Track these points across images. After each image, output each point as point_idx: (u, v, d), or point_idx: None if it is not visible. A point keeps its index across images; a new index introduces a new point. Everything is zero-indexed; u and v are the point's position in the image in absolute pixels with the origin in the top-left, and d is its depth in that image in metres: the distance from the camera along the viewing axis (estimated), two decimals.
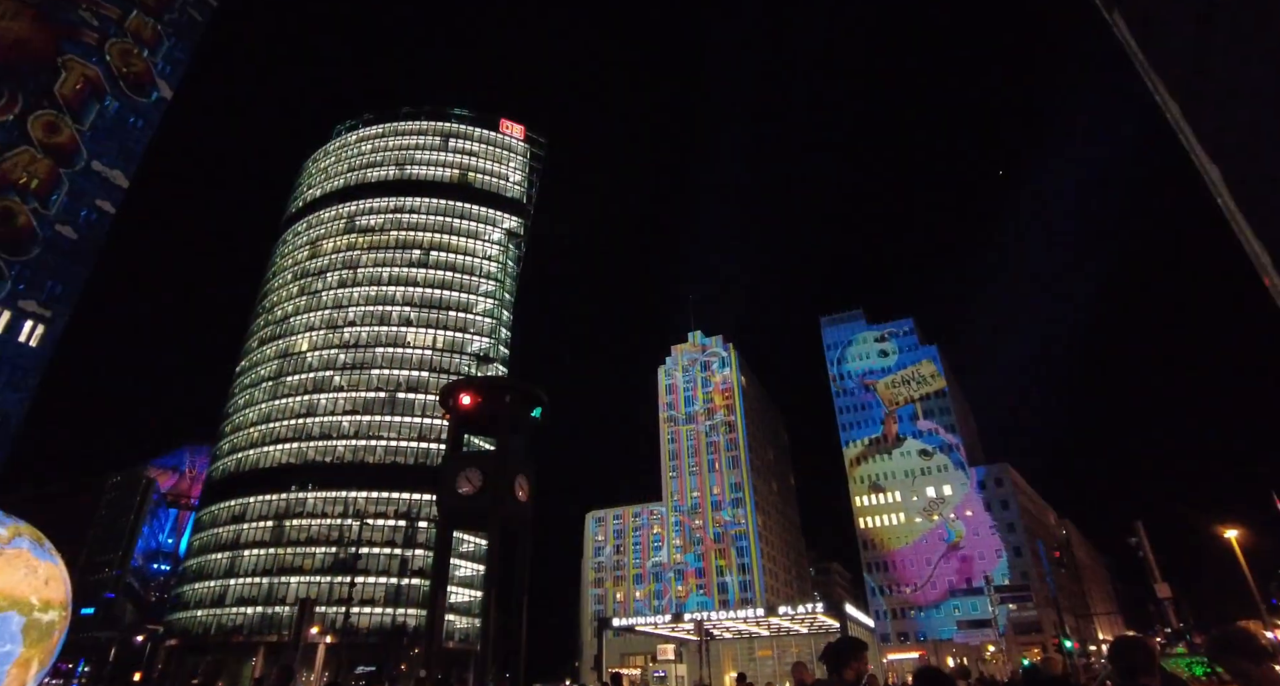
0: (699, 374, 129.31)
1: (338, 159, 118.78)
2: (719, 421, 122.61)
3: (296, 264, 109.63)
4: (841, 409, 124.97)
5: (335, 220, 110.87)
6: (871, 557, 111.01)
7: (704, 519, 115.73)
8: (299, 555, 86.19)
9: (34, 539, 3.68)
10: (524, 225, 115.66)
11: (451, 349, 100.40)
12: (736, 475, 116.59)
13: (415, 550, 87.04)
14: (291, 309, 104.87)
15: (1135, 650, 4.07)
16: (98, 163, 63.35)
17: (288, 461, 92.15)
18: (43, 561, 3.53)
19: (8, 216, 56.65)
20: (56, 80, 61.61)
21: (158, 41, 70.02)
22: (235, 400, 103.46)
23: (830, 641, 5.64)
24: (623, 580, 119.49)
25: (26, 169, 58.36)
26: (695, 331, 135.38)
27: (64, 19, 63.64)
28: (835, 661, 5.26)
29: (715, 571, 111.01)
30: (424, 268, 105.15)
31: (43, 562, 3.52)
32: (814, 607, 70.87)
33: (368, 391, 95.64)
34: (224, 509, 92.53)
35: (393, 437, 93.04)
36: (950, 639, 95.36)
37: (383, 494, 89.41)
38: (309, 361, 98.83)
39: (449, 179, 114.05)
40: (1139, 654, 4.01)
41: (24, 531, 3.60)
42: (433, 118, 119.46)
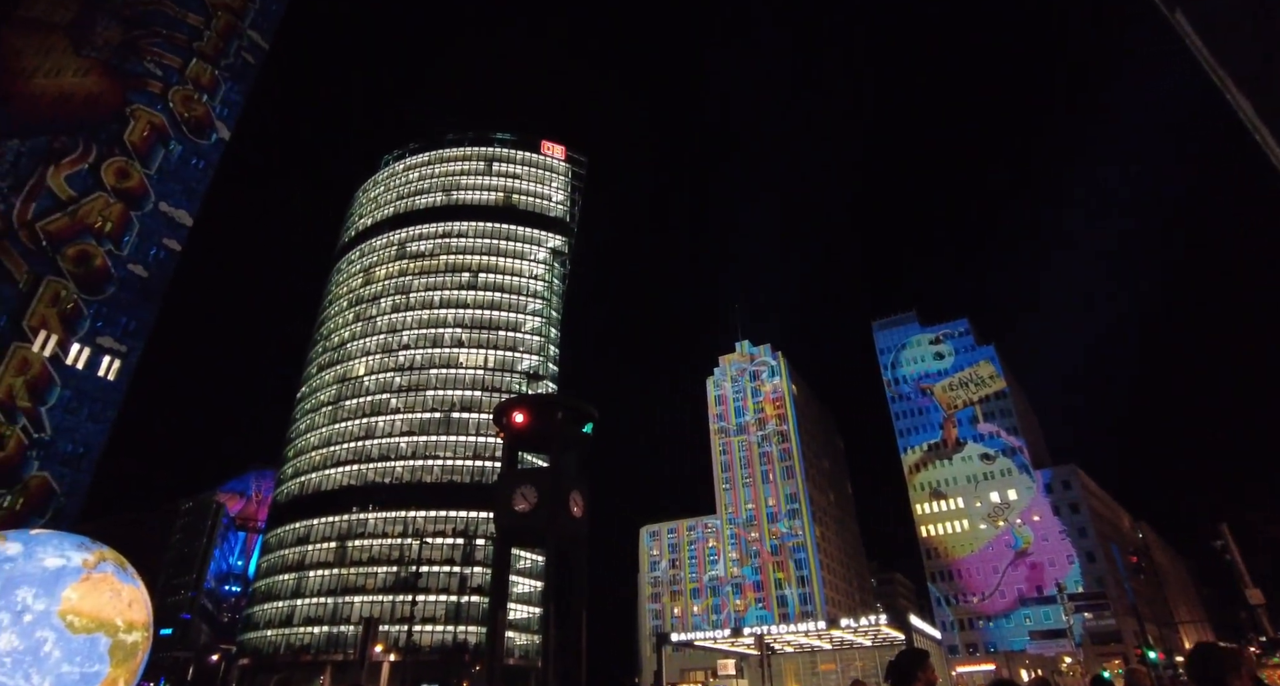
0: (748, 384, 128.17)
1: (387, 188, 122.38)
2: (771, 431, 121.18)
3: (351, 291, 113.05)
4: (898, 414, 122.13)
5: (387, 247, 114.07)
6: (935, 567, 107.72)
7: (760, 531, 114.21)
8: (362, 575, 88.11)
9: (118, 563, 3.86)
10: (568, 243, 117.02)
11: (502, 368, 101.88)
12: (791, 486, 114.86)
13: (474, 567, 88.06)
14: (348, 335, 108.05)
15: (1216, 658, 3.82)
16: (164, 204, 66.69)
17: (349, 483, 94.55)
18: (126, 585, 3.71)
19: (85, 259, 60.02)
20: (125, 128, 65.23)
21: (215, 86, 73.57)
22: (297, 425, 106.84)
23: (894, 656, 5.49)
24: (680, 594, 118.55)
25: (101, 213, 61.83)
26: (742, 341, 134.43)
27: (130, 70, 67.45)
28: (900, 676, 5.09)
29: (774, 584, 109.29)
30: (473, 289, 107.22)
31: (126, 586, 3.69)
32: (877, 619, 69.06)
33: (423, 412, 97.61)
34: (289, 531, 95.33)
35: (449, 457, 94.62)
36: (1023, 650, 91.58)
37: (441, 512, 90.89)
38: (366, 385, 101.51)
39: (494, 202, 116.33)
40: (1220, 662, 3.76)
41: (108, 556, 3.79)
42: (476, 143, 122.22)
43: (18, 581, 3.33)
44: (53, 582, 3.35)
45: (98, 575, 3.59)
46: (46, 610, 3.31)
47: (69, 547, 3.49)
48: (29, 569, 3.38)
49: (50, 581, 3.35)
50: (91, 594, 3.47)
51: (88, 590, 3.47)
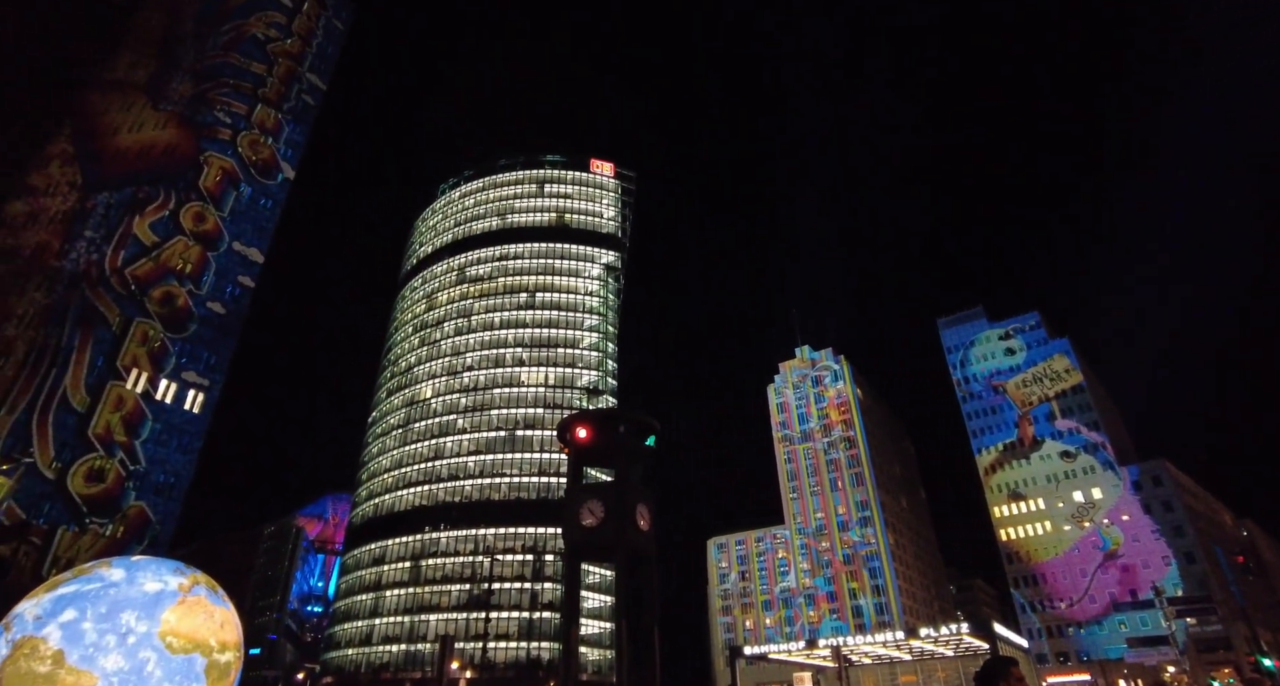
0: (811, 390, 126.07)
1: (445, 216, 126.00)
2: (837, 438, 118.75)
3: (415, 317, 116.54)
4: (970, 414, 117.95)
5: (447, 273, 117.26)
6: (1017, 571, 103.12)
7: (831, 540, 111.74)
8: (436, 593, 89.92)
9: (209, 587, 4.08)
10: (621, 258, 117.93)
11: (563, 384, 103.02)
12: (861, 493, 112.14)
13: (544, 583, 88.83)
14: (414, 359, 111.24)
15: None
16: (237, 243, 70.34)
17: (420, 503, 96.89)
18: (218, 607, 3.91)
19: (170, 300, 63.70)
20: (200, 175, 69.20)
21: (279, 128, 77.39)
22: (369, 448, 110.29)
23: (980, 666, 5.31)
24: (751, 607, 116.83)
25: (181, 256, 65.64)
26: (803, 346, 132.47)
27: (202, 120, 71.63)
28: (986, 683, 4.94)
29: (848, 594, 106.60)
30: (531, 309, 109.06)
31: (218, 608, 3.89)
32: (958, 628, 66.47)
33: (488, 431, 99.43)
34: (365, 552, 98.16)
35: (515, 474, 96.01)
36: (1120, 659, 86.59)
37: (510, 529, 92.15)
38: (433, 407, 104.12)
39: (547, 222, 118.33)
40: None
41: (201, 580, 4.01)
42: (528, 166, 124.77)
43: (122, 605, 3.54)
44: (153, 606, 3.53)
45: (193, 598, 3.79)
46: (148, 632, 3.51)
47: (166, 572, 3.71)
48: (131, 593, 3.59)
49: (151, 604, 3.54)
50: (188, 616, 3.66)
51: (184, 612, 3.66)
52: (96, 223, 63.78)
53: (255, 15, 79.20)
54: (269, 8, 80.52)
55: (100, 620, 3.44)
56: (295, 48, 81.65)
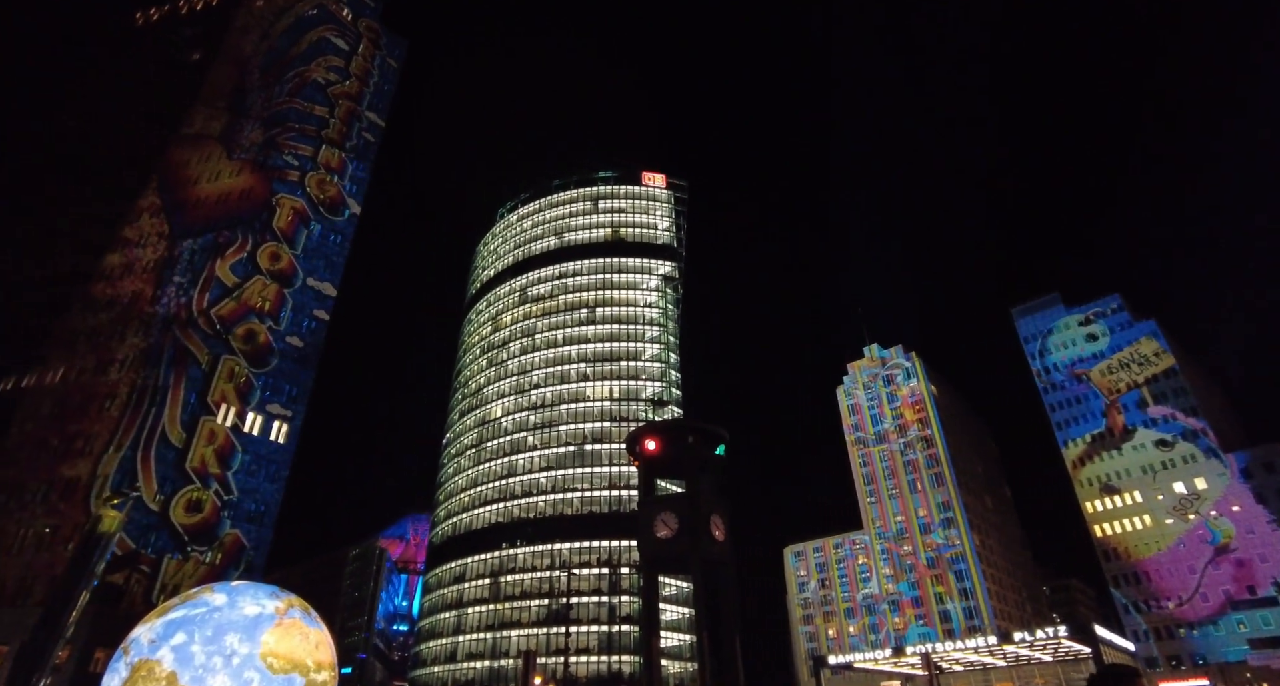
0: (882, 389, 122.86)
1: (504, 239, 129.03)
2: (914, 437, 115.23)
3: (482, 339, 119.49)
4: (1053, 405, 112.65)
5: (510, 294, 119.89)
6: (1117, 570, 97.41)
7: (913, 544, 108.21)
8: (516, 609, 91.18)
9: (304, 609, 4.26)
10: (678, 268, 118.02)
11: (627, 397, 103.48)
12: (943, 493, 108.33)
13: (621, 597, 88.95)
14: (483, 380, 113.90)
15: None
16: (311, 279, 73.65)
17: (496, 521, 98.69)
18: (312, 628, 4.08)
19: (252, 337, 67.11)
20: (273, 216, 72.84)
21: (344, 166, 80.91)
22: (445, 469, 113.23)
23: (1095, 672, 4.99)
24: (833, 615, 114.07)
25: (260, 294, 69.12)
26: (871, 345, 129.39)
27: (273, 164, 75.50)
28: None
29: (934, 599, 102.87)
30: (592, 324, 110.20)
31: (313, 630, 4.06)
32: (1056, 632, 63.14)
33: (558, 447, 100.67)
34: (446, 571, 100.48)
35: (585, 488, 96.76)
36: (1242, 661, 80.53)
37: (584, 543, 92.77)
38: (504, 425, 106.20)
39: (603, 238, 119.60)
40: None
41: (295, 603, 4.19)
42: (581, 185, 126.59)
43: (225, 628, 3.73)
44: (253, 628, 3.71)
45: (289, 620, 3.96)
46: (250, 653, 3.69)
47: (263, 596, 3.90)
48: (233, 616, 3.78)
49: (251, 627, 3.71)
50: (285, 637, 3.83)
51: (282, 634, 3.83)
52: (183, 268, 67.93)
53: (315, 61, 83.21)
54: (327, 52, 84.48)
55: (207, 643, 3.64)
56: (354, 88, 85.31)
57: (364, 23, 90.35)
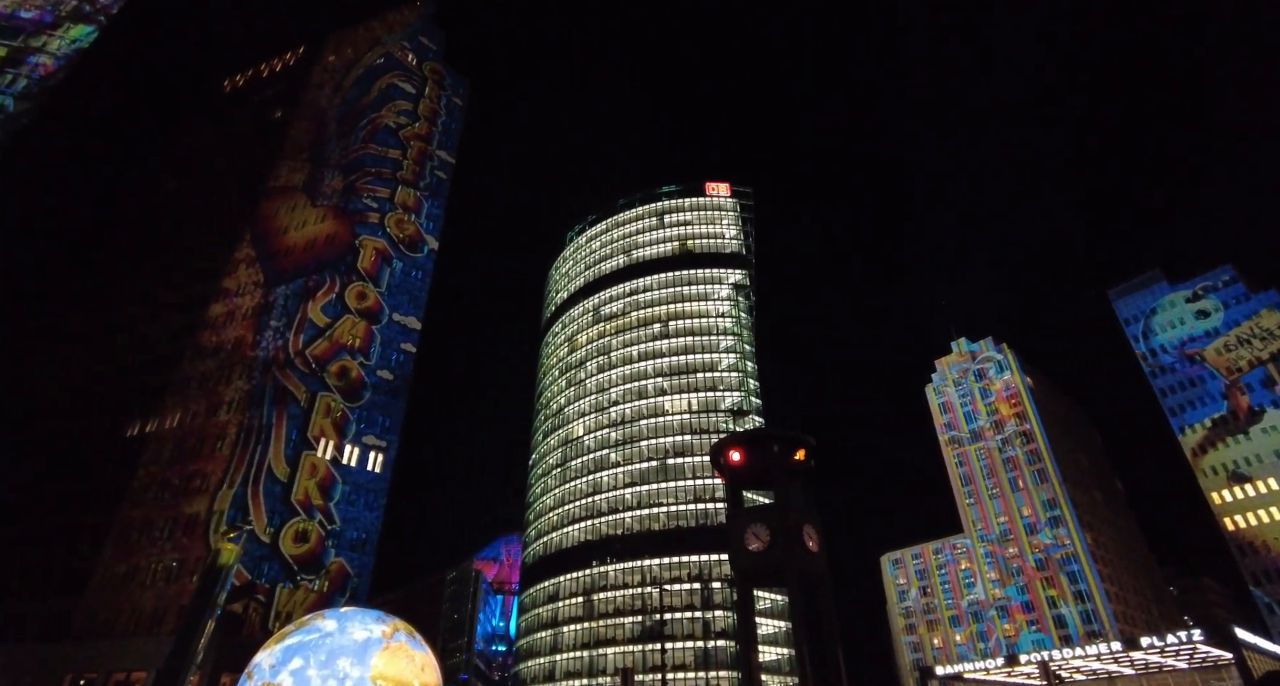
0: (974, 385, 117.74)
1: (575, 261, 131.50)
2: (1011, 433, 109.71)
3: (560, 360, 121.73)
4: (1163, 390, 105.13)
5: (583, 315, 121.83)
6: (1256, 566, 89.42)
7: (1019, 546, 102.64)
8: (611, 627, 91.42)
9: (408, 633, 4.41)
10: (748, 275, 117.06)
11: (706, 409, 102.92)
12: (1047, 490, 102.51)
13: (714, 611, 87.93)
14: (563, 400, 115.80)
15: None
16: (396, 314, 76.96)
17: (585, 538, 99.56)
18: (417, 651, 4.21)
19: (345, 373, 70.51)
20: (357, 258, 76.62)
21: (419, 205, 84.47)
22: (533, 489, 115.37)
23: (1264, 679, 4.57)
24: (937, 624, 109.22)
25: (350, 332, 72.68)
26: (958, 339, 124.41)
27: (353, 208, 79.58)
28: None
29: (1046, 603, 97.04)
30: (666, 338, 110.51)
31: (418, 652, 4.19)
32: (1189, 635, 58.24)
33: (640, 462, 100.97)
34: (540, 590, 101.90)
35: (671, 503, 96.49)
36: None
37: (674, 558, 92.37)
38: (586, 444, 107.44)
39: (671, 251, 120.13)
40: None
41: (401, 627, 4.35)
42: (645, 201, 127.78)
43: (337, 652, 3.88)
44: (363, 652, 3.85)
45: (395, 643, 4.09)
46: (361, 676, 3.83)
47: (370, 621, 4.06)
48: (344, 641, 3.93)
49: (361, 651, 3.86)
50: (393, 660, 3.95)
51: (389, 657, 3.95)
52: (279, 313, 72.20)
53: (386, 107, 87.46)
54: (396, 97, 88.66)
55: (322, 666, 3.81)
56: (423, 130, 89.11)
57: (428, 66, 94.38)
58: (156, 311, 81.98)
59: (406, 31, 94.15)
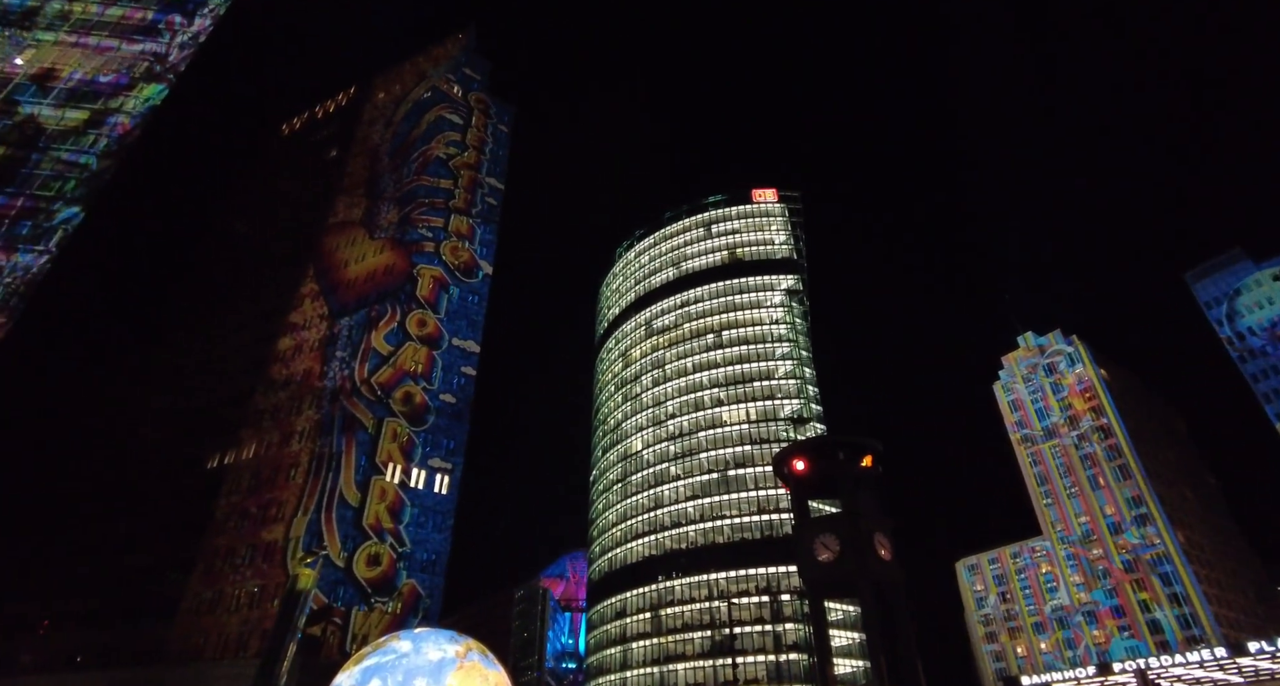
0: (1044, 380, 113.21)
1: (625, 276, 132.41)
2: (1088, 429, 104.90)
3: (615, 375, 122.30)
4: (1254, 375, 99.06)
5: (636, 329, 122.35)
6: None
7: (1103, 547, 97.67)
8: (679, 642, 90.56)
9: (481, 652, 4.46)
10: (801, 280, 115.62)
11: (765, 418, 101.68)
12: (1130, 487, 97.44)
13: (785, 624, 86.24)
14: (620, 415, 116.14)
15: None
16: (455, 338, 78.79)
17: (649, 554, 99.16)
18: (491, 670, 4.25)
19: (409, 398, 72.38)
20: (416, 286, 78.84)
21: (473, 232, 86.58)
22: (595, 505, 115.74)
23: None
24: (1020, 631, 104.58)
25: (413, 359, 74.69)
26: (1025, 334, 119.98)
27: (410, 239, 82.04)
28: None
29: (1138, 607, 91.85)
30: (720, 348, 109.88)
31: (491, 671, 4.22)
32: None
33: (700, 475, 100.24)
34: (608, 607, 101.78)
35: (734, 515, 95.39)
36: None
37: (741, 571, 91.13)
38: (645, 458, 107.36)
39: (720, 261, 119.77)
40: None
41: (474, 646, 4.39)
42: (692, 213, 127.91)
43: (413, 673, 3.94)
44: (438, 672, 3.91)
45: (468, 663, 4.12)
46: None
47: (444, 641, 4.11)
48: (419, 662, 3.99)
49: (436, 671, 3.92)
50: (467, 680, 3.98)
51: (463, 677, 3.99)
52: (343, 343, 74.79)
53: (435, 139, 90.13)
54: (445, 129, 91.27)
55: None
56: (472, 159, 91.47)
57: (473, 96, 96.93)
58: (231, 348, 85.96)
59: (450, 64, 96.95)
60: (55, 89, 66.46)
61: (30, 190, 60.35)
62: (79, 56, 68.91)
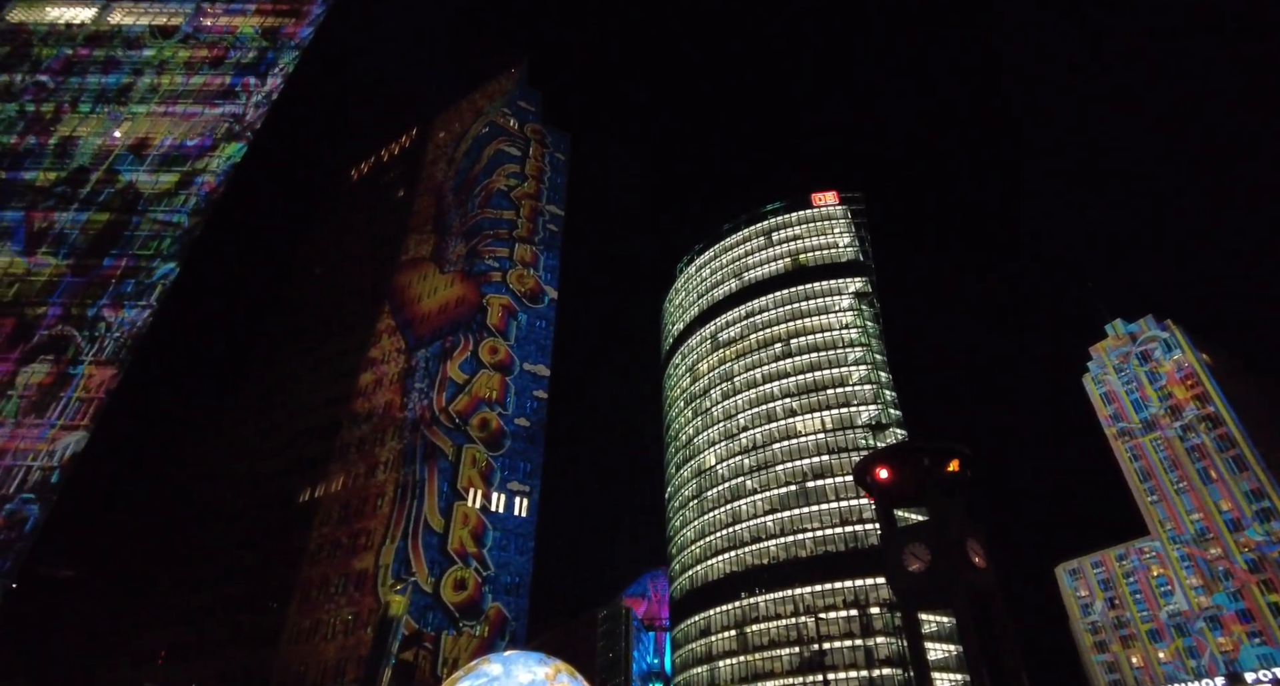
0: (1138, 369, 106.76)
1: (687, 292, 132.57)
2: (1192, 418, 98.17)
3: (684, 391, 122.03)
4: None
5: (701, 343, 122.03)
6: None
7: (1222, 545, 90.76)
8: (767, 659, 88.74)
9: (570, 673, 4.53)
10: (869, 282, 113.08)
11: (842, 426, 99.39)
12: (1248, 480, 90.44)
13: (876, 638, 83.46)
14: (692, 431, 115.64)
15: None
16: (526, 364, 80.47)
17: (730, 570, 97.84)
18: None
19: (486, 424, 74.16)
20: (486, 315, 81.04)
21: (537, 259, 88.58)
22: (672, 523, 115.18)
23: None
24: (1133, 639, 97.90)
25: (487, 386, 76.62)
26: (1113, 322, 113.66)
27: (477, 270, 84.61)
28: None
29: (1268, 610, 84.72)
30: (790, 357, 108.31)
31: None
32: None
33: (778, 488, 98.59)
34: (691, 625, 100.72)
35: (815, 528, 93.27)
36: None
37: (826, 586, 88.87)
38: (720, 473, 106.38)
39: (783, 269, 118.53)
40: None
41: (562, 668, 4.47)
42: (751, 222, 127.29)
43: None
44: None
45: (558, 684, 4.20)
46: None
47: (533, 663, 4.20)
48: (510, 685, 4.09)
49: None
50: None
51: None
52: (421, 375, 77.47)
53: (495, 172, 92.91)
54: (504, 162, 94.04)
55: None
56: (532, 188, 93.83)
57: (529, 127, 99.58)
58: (315, 386, 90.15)
59: (505, 99, 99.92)
60: (149, 156, 71.94)
61: (132, 250, 65.19)
62: (168, 124, 74.43)
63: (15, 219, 66.45)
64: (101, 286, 62.83)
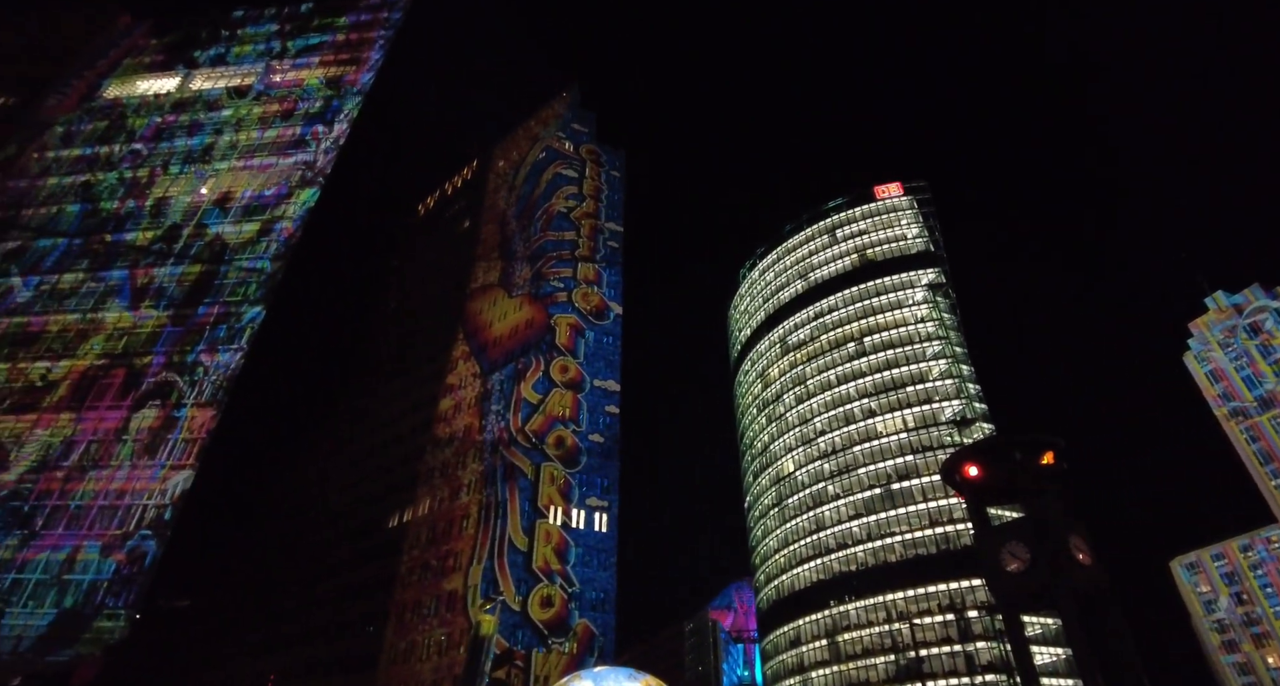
0: (1248, 343, 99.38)
1: (752, 296, 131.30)
2: None
3: (756, 398, 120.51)
4: None
5: (770, 348, 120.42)
6: None
7: None
8: (862, 668, 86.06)
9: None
10: (943, 272, 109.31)
11: (924, 424, 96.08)
12: None
13: (975, 643, 79.87)
14: (767, 438, 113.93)
15: None
16: (596, 380, 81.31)
17: (818, 578, 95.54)
18: None
19: (561, 442, 75.23)
20: (554, 335, 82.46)
21: (599, 277, 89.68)
22: (754, 532, 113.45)
23: None
24: (1267, 638, 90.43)
25: (560, 404, 77.80)
26: (1214, 294, 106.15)
27: (544, 292, 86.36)
28: None
29: None
30: (864, 356, 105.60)
31: None
32: None
33: (861, 492, 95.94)
34: (781, 636, 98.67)
35: (904, 531, 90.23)
36: None
37: (919, 590, 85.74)
38: (800, 479, 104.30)
39: (850, 266, 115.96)
40: None
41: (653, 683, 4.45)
42: (813, 220, 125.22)
43: None
44: None
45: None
46: None
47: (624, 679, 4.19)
48: None
49: None
50: None
51: None
52: (497, 397, 79.37)
53: (555, 195, 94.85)
54: (562, 184, 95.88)
55: None
56: (591, 208, 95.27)
57: (584, 149, 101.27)
58: (396, 414, 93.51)
59: (559, 123, 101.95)
60: (232, 208, 76.77)
61: (222, 297, 69.47)
62: (247, 177, 79.25)
63: (121, 277, 71.98)
64: (198, 333, 67.12)
